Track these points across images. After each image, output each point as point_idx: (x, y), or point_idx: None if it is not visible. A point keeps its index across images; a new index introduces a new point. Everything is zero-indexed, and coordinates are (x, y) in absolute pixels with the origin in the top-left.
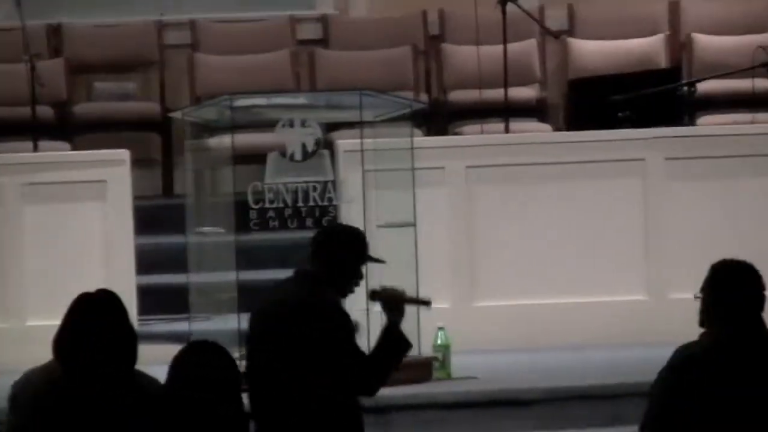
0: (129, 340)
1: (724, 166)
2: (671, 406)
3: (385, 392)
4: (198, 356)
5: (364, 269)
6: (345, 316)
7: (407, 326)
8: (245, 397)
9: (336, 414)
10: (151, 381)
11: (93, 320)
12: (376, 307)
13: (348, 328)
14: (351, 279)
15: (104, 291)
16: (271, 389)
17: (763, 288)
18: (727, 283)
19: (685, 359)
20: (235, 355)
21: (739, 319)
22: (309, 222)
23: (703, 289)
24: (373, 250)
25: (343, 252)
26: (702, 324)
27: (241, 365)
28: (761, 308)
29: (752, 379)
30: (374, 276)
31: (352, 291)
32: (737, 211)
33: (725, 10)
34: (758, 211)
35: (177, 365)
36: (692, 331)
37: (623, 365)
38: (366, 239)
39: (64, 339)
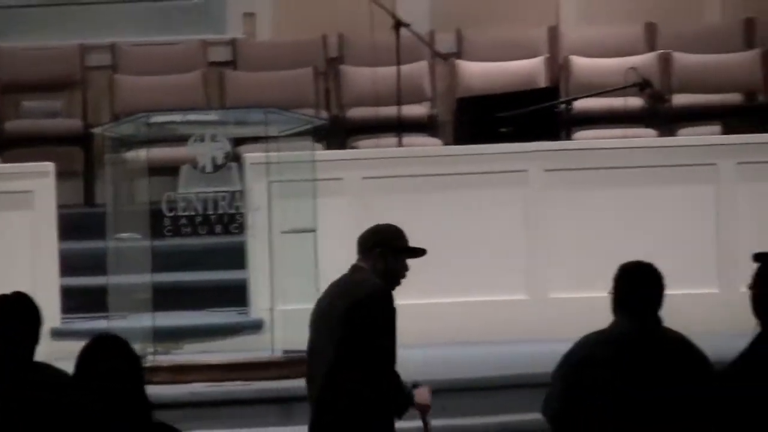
0: (32, 339)
1: (600, 176)
2: (567, 391)
3: (288, 384)
4: (101, 349)
5: (407, 261)
6: (389, 298)
7: None
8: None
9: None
10: (59, 374)
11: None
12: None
13: (391, 309)
14: (394, 272)
15: (18, 293)
16: (320, 365)
17: (662, 287)
18: (630, 281)
19: (581, 348)
20: (150, 349)
21: (637, 315)
22: (218, 228)
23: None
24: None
25: (382, 247)
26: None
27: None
28: (659, 305)
29: (643, 372)
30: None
31: (398, 283)
32: (612, 217)
33: (600, 35)
34: (630, 218)
35: (82, 358)
36: (570, 328)
37: (503, 359)
38: (402, 234)
39: None
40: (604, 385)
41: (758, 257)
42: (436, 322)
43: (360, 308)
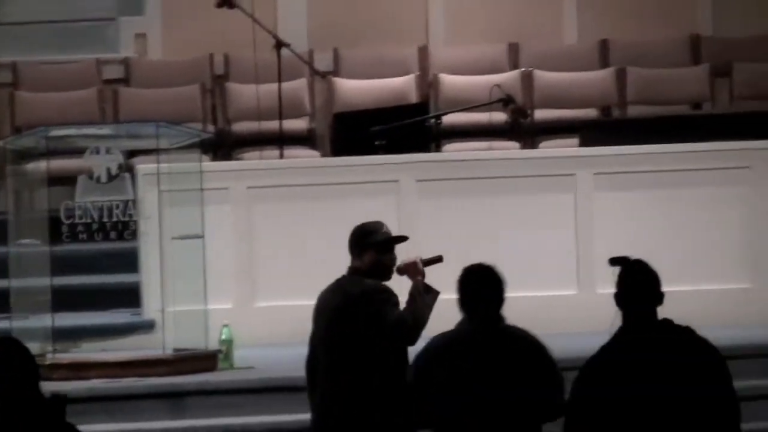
0: None
1: (467, 186)
2: (419, 387)
3: (178, 380)
4: None
5: (391, 253)
6: (382, 286)
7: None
8: None
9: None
10: None
11: None
12: (171, 307)
13: (387, 292)
14: (382, 265)
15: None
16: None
17: (502, 288)
18: (472, 283)
19: (429, 347)
20: (50, 348)
21: (478, 314)
22: (113, 235)
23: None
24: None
25: (365, 245)
26: None
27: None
28: (500, 305)
29: (485, 368)
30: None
31: (389, 274)
32: (478, 223)
33: (466, 54)
34: (494, 225)
35: None
36: None
37: None
38: (379, 228)
39: None
40: (449, 380)
41: (613, 261)
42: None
43: (350, 305)
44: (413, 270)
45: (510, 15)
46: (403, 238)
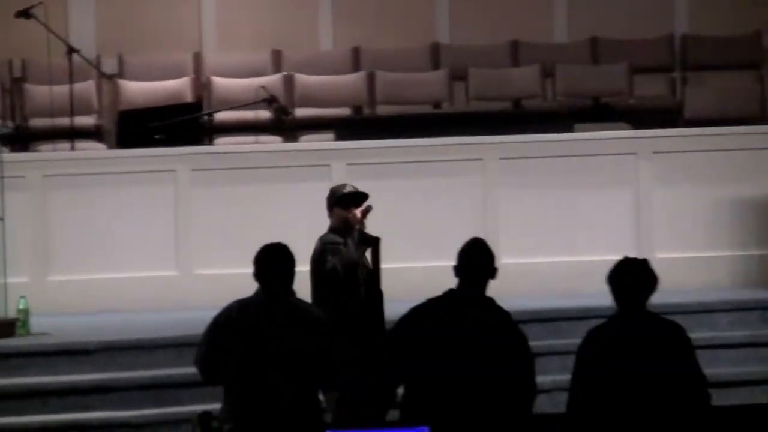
0: None
1: (237, 175)
2: (210, 346)
3: None
4: None
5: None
6: (329, 238)
7: None
8: None
9: None
10: None
11: None
12: None
13: (332, 243)
14: (345, 221)
15: None
16: None
17: (292, 264)
18: (265, 259)
19: (224, 312)
20: None
21: (269, 286)
22: None
23: None
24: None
25: (331, 204)
26: None
27: None
28: (291, 279)
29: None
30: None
31: (352, 229)
32: (248, 208)
33: (235, 59)
34: (261, 210)
35: None
36: (210, 299)
37: (161, 324)
38: (341, 187)
39: None
40: (237, 341)
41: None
42: (102, 294)
43: (312, 255)
44: (354, 221)
45: (273, 25)
46: (360, 195)
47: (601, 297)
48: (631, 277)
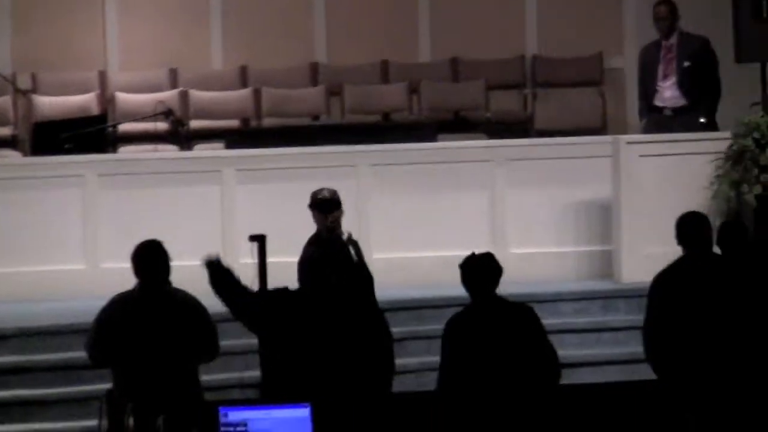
0: None
1: (138, 180)
2: (97, 335)
3: None
4: None
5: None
6: (310, 245)
7: None
8: None
9: None
10: None
11: None
12: None
13: (306, 263)
14: (322, 225)
15: None
16: None
17: (168, 260)
18: (143, 256)
19: (109, 305)
20: None
21: (148, 279)
22: None
23: None
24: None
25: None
26: None
27: None
28: (167, 273)
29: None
30: None
31: (329, 232)
32: (148, 210)
33: (136, 77)
34: (161, 211)
35: None
36: (118, 289)
37: (71, 312)
38: (313, 194)
39: None
40: (118, 330)
41: (251, 238)
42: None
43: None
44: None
45: (170, 46)
46: (331, 202)
47: (461, 288)
48: (477, 269)
